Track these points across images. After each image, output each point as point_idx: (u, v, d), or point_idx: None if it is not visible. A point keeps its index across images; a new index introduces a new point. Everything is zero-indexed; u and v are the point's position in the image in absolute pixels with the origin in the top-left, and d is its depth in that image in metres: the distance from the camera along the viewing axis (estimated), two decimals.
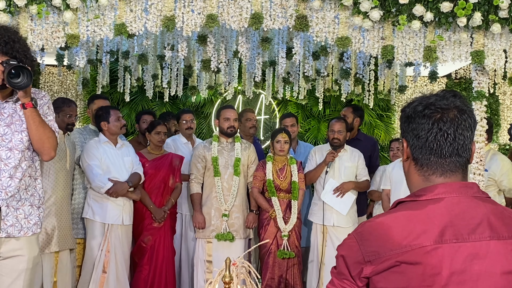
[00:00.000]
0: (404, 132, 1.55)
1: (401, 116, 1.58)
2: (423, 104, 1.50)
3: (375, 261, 1.41)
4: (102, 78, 6.66)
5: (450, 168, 1.49)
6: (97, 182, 4.64)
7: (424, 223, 1.41)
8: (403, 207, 1.48)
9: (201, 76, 6.78)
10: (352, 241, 1.48)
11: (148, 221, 5.00)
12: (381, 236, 1.42)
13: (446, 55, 4.23)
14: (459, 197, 1.46)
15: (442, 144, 1.48)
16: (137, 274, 5.00)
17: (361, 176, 5.27)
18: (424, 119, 1.49)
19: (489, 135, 4.95)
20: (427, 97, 1.52)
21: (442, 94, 1.52)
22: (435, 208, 1.43)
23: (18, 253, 2.85)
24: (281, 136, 5.11)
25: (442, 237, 1.39)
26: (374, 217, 1.51)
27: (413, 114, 1.51)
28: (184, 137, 5.71)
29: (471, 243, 1.39)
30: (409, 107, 1.54)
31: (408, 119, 1.53)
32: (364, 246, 1.44)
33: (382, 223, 1.44)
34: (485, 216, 1.43)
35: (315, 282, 5.21)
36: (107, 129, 4.80)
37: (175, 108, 8.47)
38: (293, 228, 5.01)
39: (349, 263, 1.46)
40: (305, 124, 8.59)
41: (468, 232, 1.40)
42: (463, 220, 1.41)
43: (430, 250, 1.38)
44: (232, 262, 3.10)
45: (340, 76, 6.29)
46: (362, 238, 1.45)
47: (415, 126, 1.50)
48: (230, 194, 5.04)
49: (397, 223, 1.42)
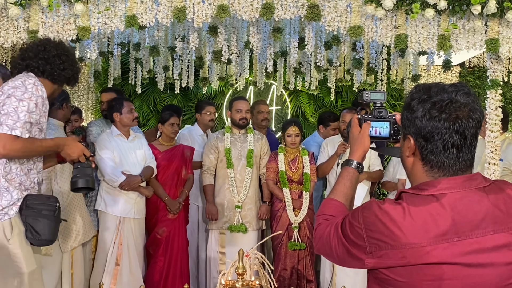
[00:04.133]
0: (411, 130, 1.49)
1: (409, 113, 1.50)
2: (437, 107, 1.44)
3: (376, 254, 1.42)
4: (114, 70, 6.66)
5: (461, 168, 1.47)
6: (111, 175, 4.65)
7: (426, 222, 1.39)
8: (407, 200, 1.45)
9: (212, 67, 6.76)
10: (357, 224, 1.48)
11: (162, 213, 5.01)
12: (385, 228, 1.42)
13: (460, 43, 4.17)
14: (462, 192, 1.43)
15: (458, 147, 1.45)
16: (152, 265, 5.02)
17: (374, 166, 5.24)
18: (440, 123, 1.44)
19: (504, 124, 4.88)
20: (437, 94, 1.46)
21: (453, 91, 1.46)
22: (438, 206, 1.41)
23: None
24: (292, 129, 5.09)
25: (444, 236, 1.38)
26: (382, 202, 1.49)
27: (427, 116, 1.45)
28: (201, 128, 5.69)
29: (474, 239, 1.38)
30: (421, 107, 1.46)
31: (420, 121, 1.46)
32: (368, 236, 1.45)
33: (387, 214, 1.43)
34: (489, 210, 1.42)
35: (328, 273, 5.20)
36: (119, 120, 4.80)
37: (186, 99, 8.47)
38: (304, 219, 5.00)
39: (353, 245, 1.48)
40: (317, 114, 8.54)
41: (470, 229, 1.39)
42: (466, 217, 1.40)
43: (431, 250, 1.37)
44: (245, 254, 3.10)
45: (352, 65, 6.23)
46: (367, 227, 1.46)
47: (429, 129, 1.45)
48: (243, 186, 5.03)
49: (400, 217, 1.41)
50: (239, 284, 2.88)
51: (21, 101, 2.79)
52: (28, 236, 2.84)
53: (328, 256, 1.61)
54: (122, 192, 4.70)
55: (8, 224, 2.77)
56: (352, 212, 1.53)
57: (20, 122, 2.75)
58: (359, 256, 1.46)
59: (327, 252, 1.60)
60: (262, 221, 5.16)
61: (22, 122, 2.76)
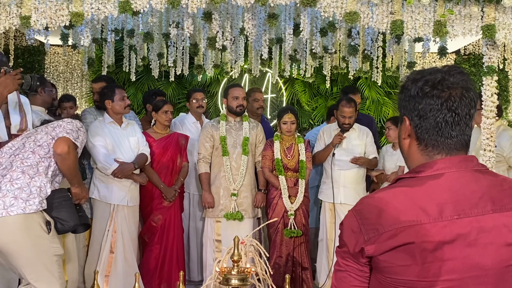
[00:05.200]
0: (406, 110, 1.49)
1: (403, 94, 1.50)
2: (430, 84, 1.44)
3: (375, 239, 1.38)
4: (108, 57, 6.61)
5: (456, 147, 1.46)
6: (103, 163, 4.63)
7: (422, 200, 1.38)
8: (402, 183, 1.45)
9: (207, 54, 6.71)
10: (352, 219, 1.44)
11: (157, 200, 5.00)
12: (380, 212, 1.39)
13: (457, 29, 4.15)
14: (459, 172, 1.43)
15: (451, 125, 1.44)
16: (147, 253, 5.02)
17: (370, 153, 5.25)
18: (432, 99, 1.43)
19: (499, 111, 4.88)
20: (430, 73, 1.46)
21: (446, 70, 1.46)
22: (435, 184, 1.40)
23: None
24: (288, 117, 5.06)
25: (442, 214, 1.36)
26: (373, 192, 1.48)
27: (420, 94, 1.45)
28: (194, 116, 5.67)
29: (475, 218, 1.37)
30: (414, 86, 1.46)
31: (413, 99, 1.46)
32: (364, 225, 1.41)
33: (381, 199, 1.41)
34: (487, 189, 1.41)
35: (325, 260, 5.22)
36: (111, 108, 4.76)
37: (181, 87, 8.43)
38: (300, 207, 5.00)
39: (351, 242, 1.44)
40: (312, 102, 8.53)
41: (470, 207, 1.38)
42: (464, 195, 1.39)
43: (430, 228, 1.35)
44: (241, 241, 3.09)
45: (348, 52, 6.20)
46: (362, 216, 1.42)
47: (422, 106, 1.44)
48: (238, 174, 5.02)
49: (396, 199, 1.40)
50: (234, 271, 2.88)
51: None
52: (58, 227, 3.34)
53: None
54: (115, 180, 4.67)
55: (42, 216, 3.23)
56: (341, 225, 1.51)
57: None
58: (356, 250, 1.43)
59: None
60: (258, 209, 5.15)
61: None
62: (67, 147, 3.31)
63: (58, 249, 3.32)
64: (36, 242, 3.19)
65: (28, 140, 3.42)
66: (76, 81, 8.69)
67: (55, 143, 3.33)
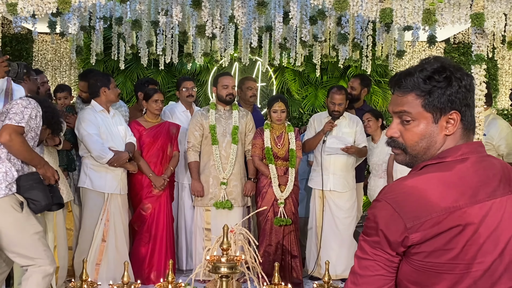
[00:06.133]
0: (456, 104, 1.50)
1: (460, 89, 1.50)
2: (470, 76, 1.53)
3: (418, 227, 1.39)
4: (96, 45, 6.55)
5: (472, 129, 1.56)
6: (100, 152, 4.60)
7: (457, 185, 1.43)
8: (431, 169, 1.48)
9: (196, 42, 6.67)
10: (387, 208, 1.43)
11: (147, 189, 4.99)
12: (419, 200, 1.41)
13: (446, 18, 4.15)
14: (479, 156, 1.50)
15: (472, 108, 1.54)
16: (137, 241, 5.02)
17: (360, 142, 5.27)
18: (474, 91, 1.55)
19: (488, 100, 4.91)
20: (455, 66, 1.53)
21: (456, 63, 1.56)
22: (463, 168, 1.46)
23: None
24: (278, 105, 5.06)
25: (476, 197, 1.42)
26: (400, 180, 1.48)
27: (470, 87, 1.52)
28: (183, 105, 5.64)
29: (499, 199, 1.44)
30: (467, 79, 1.51)
31: (468, 92, 1.52)
32: (405, 213, 1.40)
33: (415, 187, 1.43)
34: (502, 173, 1.49)
35: (314, 248, 5.25)
36: (106, 96, 4.75)
37: (171, 75, 8.37)
38: (290, 195, 5.01)
39: (391, 231, 1.42)
40: (302, 91, 8.51)
41: (494, 189, 1.45)
42: (488, 178, 1.46)
43: (469, 211, 1.40)
44: (230, 229, 3.10)
45: (337, 41, 6.18)
46: (399, 204, 1.42)
47: (470, 97, 1.52)
48: (228, 162, 5.02)
49: (431, 185, 1.42)
50: (224, 260, 2.88)
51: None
52: (31, 206, 3.52)
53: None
54: (108, 169, 4.66)
55: (14, 198, 3.43)
56: (371, 215, 1.48)
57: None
58: (397, 239, 1.41)
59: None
60: (248, 197, 5.16)
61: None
62: (8, 136, 3.41)
63: (36, 226, 3.50)
64: (13, 222, 3.42)
65: None
66: (64, 69, 8.61)
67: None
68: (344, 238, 5.14)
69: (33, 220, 3.52)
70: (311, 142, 5.26)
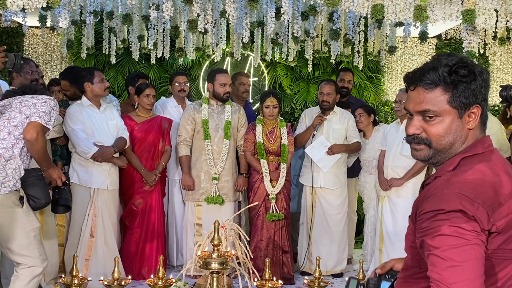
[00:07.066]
0: (477, 98, 1.52)
1: (482, 82, 1.52)
2: (487, 71, 1.56)
3: (498, 216, 1.42)
4: (87, 39, 6.52)
5: (485, 122, 1.59)
6: (82, 147, 4.58)
7: (502, 171, 1.49)
8: (475, 159, 1.51)
9: (188, 37, 6.65)
10: (464, 199, 1.40)
11: (138, 184, 4.98)
12: (487, 189, 1.43)
13: (437, 14, 4.16)
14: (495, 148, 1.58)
15: (487, 101, 1.58)
16: (128, 237, 5.01)
17: (352, 138, 5.26)
18: (489, 85, 1.58)
19: None
20: (472, 61, 1.56)
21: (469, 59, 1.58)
22: (496, 158, 1.53)
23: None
24: (270, 100, 5.05)
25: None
26: (455, 173, 1.48)
27: (488, 81, 1.55)
28: (176, 100, 5.62)
29: None
30: (486, 74, 1.53)
31: (488, 87, 1.55)
32: (483, 203, 1.40)
33: (477, 178, 1.45)
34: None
35: (305, 243, 5.26)
36: (91, 90, 4.71)
37: (162, 70, 8.35)
38: (281, 191, 5.01)
39: (483, 219, 1.40)
40: (294, 86, 8.51)
41: None
42: (510, 166, 1.54)
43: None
44: (221, 225, 3.09)
45: (329, 36, 6.19)
46: (474, 195, 1.41)
47: (488, 91, 1.55)
48: (220, 158, 5.01)
49: (487, 175, 1.46)
50: (215, 255, 2.88)
51: None
52: (30, 203, 3.51)
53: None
54: (95, 164, 4.64)
55: (17, 193, 3.41)
56: (441, 210, 1.41)
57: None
58: (490, 227, 1.41)
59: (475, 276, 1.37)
60: (239, 192, 5.16)
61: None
62: (36, 134, 3.38)
63: (33, 222, 3.47)
64: (13, 217, 3.37)
65: (2, 117, 3.43)
66: (55, 63, 8.56)
67: (25, 129, 3.39)
68: (334, 235, 5.16)
69: (31, 216, 3.49)
70: (301, 136, 5.26)
